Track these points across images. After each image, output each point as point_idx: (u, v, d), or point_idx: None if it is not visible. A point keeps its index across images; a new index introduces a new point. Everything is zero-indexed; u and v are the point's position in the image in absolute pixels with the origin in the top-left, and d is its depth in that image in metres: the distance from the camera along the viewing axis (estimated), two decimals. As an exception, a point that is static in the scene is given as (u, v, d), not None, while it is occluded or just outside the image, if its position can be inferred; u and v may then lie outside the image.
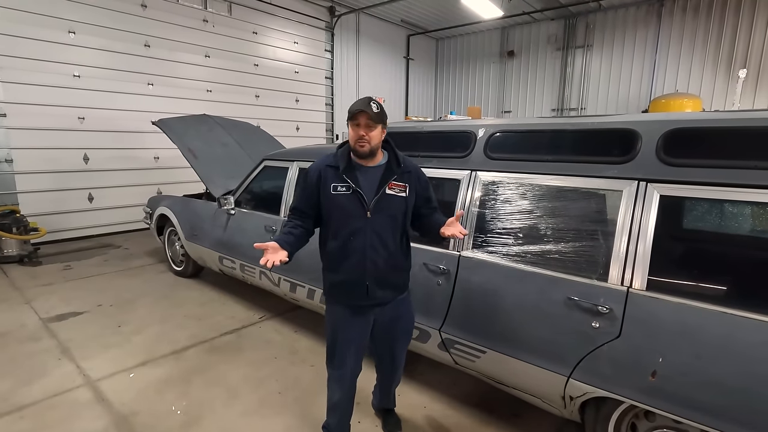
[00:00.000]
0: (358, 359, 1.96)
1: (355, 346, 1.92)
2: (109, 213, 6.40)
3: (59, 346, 3.10)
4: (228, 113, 6.41)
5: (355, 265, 1.78)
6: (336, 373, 1.96)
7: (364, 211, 1.74)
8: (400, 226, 1.84)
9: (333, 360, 1.95)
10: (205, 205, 4.14)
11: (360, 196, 1.75)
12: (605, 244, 1.81)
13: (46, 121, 5.63)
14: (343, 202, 1.75)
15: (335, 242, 1.80)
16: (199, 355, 3.02)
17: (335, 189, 1.76)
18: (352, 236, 1.76)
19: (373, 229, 1.76)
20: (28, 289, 4.21)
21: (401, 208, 1.81)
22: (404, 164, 1.84)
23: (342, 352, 1.91)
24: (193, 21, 7.02)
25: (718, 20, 8.18)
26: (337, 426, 2.06)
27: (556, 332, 1.85)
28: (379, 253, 1.78)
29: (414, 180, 1.85)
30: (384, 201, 1.77)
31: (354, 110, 1.70)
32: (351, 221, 1.76)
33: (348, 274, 1.80)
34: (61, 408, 2.41)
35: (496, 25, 10.82)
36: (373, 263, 1.78)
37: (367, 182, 1.76)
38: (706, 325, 1.53)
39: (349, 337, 1.90)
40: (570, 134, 2.08)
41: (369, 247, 1.76)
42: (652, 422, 1.72)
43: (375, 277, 1.79)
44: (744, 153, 1.58)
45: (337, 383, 1.97)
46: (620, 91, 9.46)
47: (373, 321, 1.92)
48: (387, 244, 1.79)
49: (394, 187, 1.79)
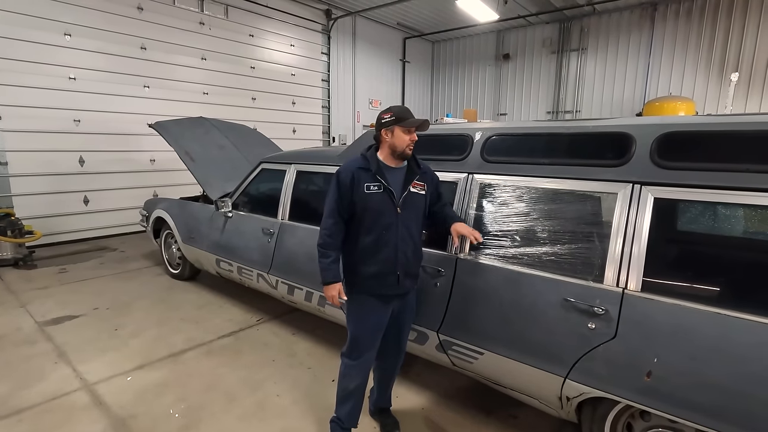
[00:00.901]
0: (377, 346, 2.09)
1: (380, 332, 2.06)
2: (105, 216, 6.37)
3: (56, 349, 3.09)
4: (224, 116, 6.40)
5: (389, 257, 1.95)
6: (358, 362, 2.06)
7: (395, 207, 1.93)
8: (422, 221, 2.07)
9: (358, 348, 2.05)
10: (203, 207, 4.14)
11: (391, 194, 1.93)
12: (601, 246, 1.83)
13: (42, 123, 5.61)
14: (376, 199, 1.92)
15: (369, 237, 1.94)
16: (197, 358, 3.02)
17: (368, 188, 1.92)
18: (385, 230, 1.93)
19: (403, 223, 1.95)
20: (24, 292, 4.19)
21: (422, 205, 2.05)
22: (423, 166, 2.08)
23: (368, 339, 2.04)
24: (189, 24, 7.03)
25: (711, 24, 8.29)
26: (348, 416, 2.10)
27: (553, 333, 1.87)
28: (408, 245, 1.98)
29: (429, 179, 2.09)
30: (409, 198, 1.98)
31: (410, 117, 1.92)
32: (384, 217, 1.93)
33: (382, 265, 1.95)
34: (58, 412, 2.40)
35: (491, 29, 10.90)
36: (404, 254, 1.97)
37: (395, 181, 1.96)
38: (700, 325, 1.55)
39: (376, 325, 2.04)
40: (566, 138, 2.11)
41: (400, 239, 1.95)
42: (648, 422, 1.74)
43: (405, 268, 1.98)
44: (736, 156, 1.61)
45: (359, 369, 2.06)
46: (615, 94, 9.56)
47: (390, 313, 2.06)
48: (414, 237, 2.01)
49: (417, 186, 2.00)
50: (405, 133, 1.92)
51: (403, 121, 1.91)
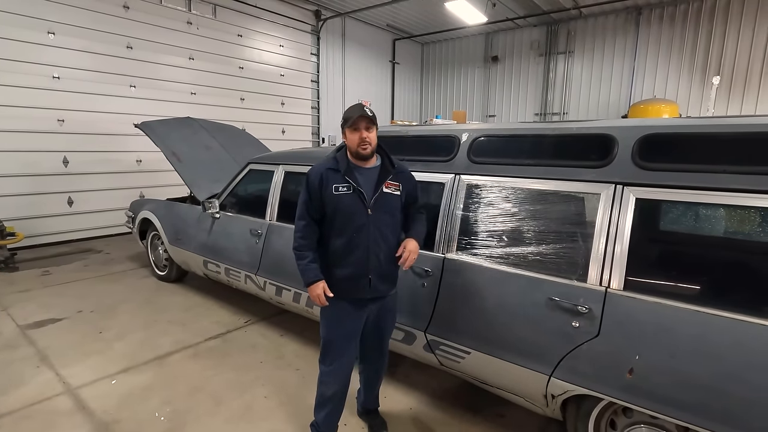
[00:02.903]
0: (353, 353, 2.05)
1: (354, 338, 2.02)
2: (90, 217, 6.26)
3: (38, 353, 3.03)
4: (212, 116, 6.35)
5: (360, 259, 1.90)
6: (332, 368, 2.02)
7: (365, 208, 1.88)
8: (398, 223, 2.01)
9: (330, 353, 2.02)
10: (190, 208, 4.10)
11: (360, 195, 1.88)
12: (584, 245, 1.86)
13: (24, 123, 5.50)
14: (345, 201, 1.87)
15: (340, 239, 1.90)
16: (184, 360, 2.99)
17: (337, 189, 1.87)
18: (356, 233, 1.88)
19: (375, 225, 1.89)
20: (5, 295, 4.09)
21: (397, 206, 1.98)
22: (397, 166, 2.00)
23: (341, 345, 2.00)
24: (176, 23, 6.95)
25: (693, 29, 8.46)
26: (324, 422, 2.08)
27: (538, 332, 1.89)
28: (381, 248, 1.91)
29: (406, 180, 2.02)
30: (382, 199, 1.92)
31: (354, 116, 1.83)
32: (354, 218, 1.88)
33: (353, 268, 1.90)
34: (40, 417, 2.35)
35: (480, 31, 10.99)
36: (376, 257, 1.91)
37: (366, 182, 1.90)
38: (681, 323, 1.58)
39: (349, 330, 1.99)
40: (550, 139, 2.14)
41: (372, 242, 1.89)
42: (630, 418, 1.77)
43: (377, 271, 1.92)
44: (715, 158, 1.65)
45: (333, 376, 2.02)
46: (601, 96, 9.70)
47: (366, 318, 2.01)
48: (387, 239, 1.94)
49: (390, 186, 1.94)
50: (352, 133, 1.87)
51: (347, 121, 1.86)
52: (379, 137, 1.96)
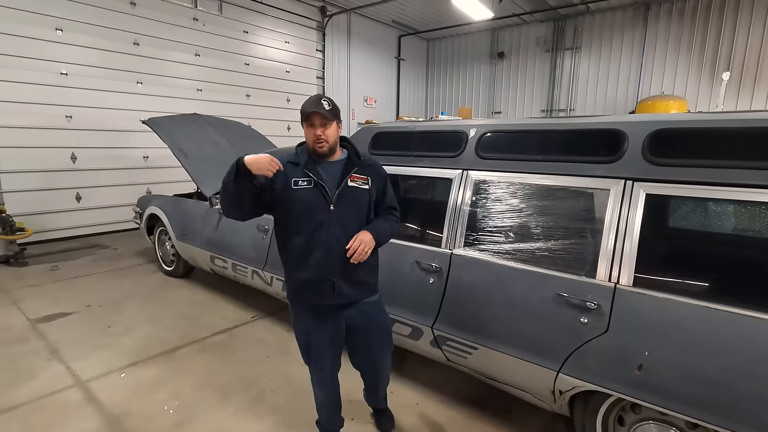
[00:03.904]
0: (334, 360, 1.94)
1: (330, 349, 1.88)
2: (98, 213, 6.32)
3: (48, 347, 3.06)
4: (218, 112, 6.37)
5: (321, 260, 1.73)
6: (314, 375, 1.98)
7: (327, 204, 1.73)
8: (366, 219, 1.83)
9: (307, 360, 1.95)
10: (197, 204, 4.12)
11: (322, 189, 1.73)
12: (593, 241, 1.85)
13: (33, 119, 5.55)
14: (305, 196, 1.73)
15: (299, 238, 1.75)
16: (191, 355, 3.01)
17: (296, 184, 1.73)
18: (316, 231, 1.73)
19: (338, 221, 1.74)
20: (15, 290, 4.14)
21: (365, 201, 1.81)
22: (364, 158, 1.86)
23: (317, 355, 1.89)
24: (182, 19, 6.97)
25: (703, 24, 8.36)
26: (326, 422, 2.08)
27: (546, 328, 1.88)
28: (344, 247, 1.72)
29: (374, 173, 1.85)
30: (347, 193, 1.76)
31: (307, 111, 1.68)
32: (314, 215, 1.73)
33: (314, 271, 1.75)
34: (51, 409, 2.38)
35: (486, 27, 10.92)
36: (338, 258, 1.73)
37: (328, 176, 1.76)
38: (691, 319, 1.57)
39: (320, 340, 1.86)
40: (559, 134, 2.12)
41: (334, 240, 1.73)
42: (639, 414, 1.76)
43: (341, 273, 1.76)
44: (726, 153, 1.63)
45: (316, 383, 2.00)
46: (608, 92, 9.62)
47: (346, 327, 1.88)
48: (353, 235, 1.74)
49: (356, 179, 1.78)
50: (307, 129, 1.73)
51: (302, 116, 1.71)
52: (387, 133, 1.93)
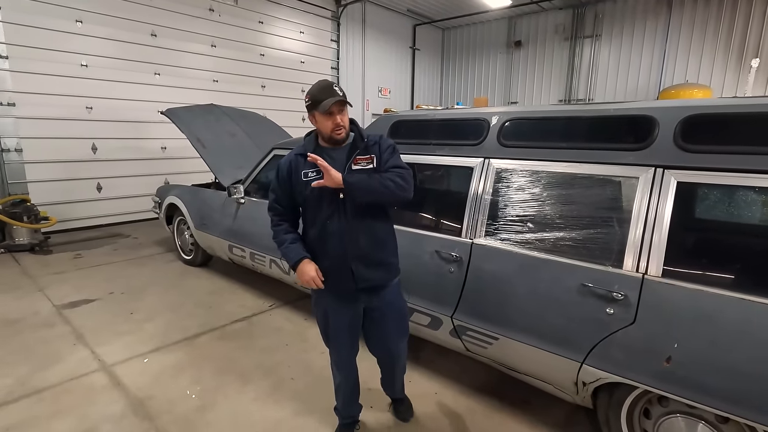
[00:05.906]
0: (352, 343, 1.96)
1: (349, 332, 1.92)
2: (118, 203, 6.44)
3: (73, 332, 3.15)
4: (234, 103, 6.39)
5: (337, 248, 1.75)
6: (332, 359, 2.02)
7: (337, 191, 1.71)
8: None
9: (327, 344, 2.00)
10: (215, 194, 4.16)
11: None
12: (620, 231, 1.80)
13: (55, 110, 5.66)
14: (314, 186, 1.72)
15: (314, 229, 1.79)
16: (211, 342, 3.06)
17: (306, 176, 1.75)
18: (328, 220, 1.75)
19: (350, 207, 1.74)
20: (41, 277, 4.26)
21: None
22: (368, 138, 1.81)
23: (336, 339, 1.93)
24: (199, 10, 6.99)
25: (730, 9, 8.05)
26: (343, 407, 2.10)
27: (570, 319, 1.85)
28: (360, 232, 1.75)
29: (379, 150, 1.79)
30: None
31: (325, 99, 1.66)
32: (324, 204, 1.74)
33: (331, 259, 1.77)
34: (78, 392, 2.45)
35: (503, 15, 10.71)
36: (355, 243, 1.75)
37: (335, 163, 1.72)
38: (722, 311, 1.52)
39: (340, 326, 1.90)
40: (585, 121, 2.07)
41: (347, 227, 1.74)
42: (666, 407, 1.73)
43: (359, 258, 1.77)
44: (764, 139, 1.57)
45: (335, 367, 2.03)
46: (629, 81, 9.37)
47: (363, 311, 1.90)
48: (366, 221, 1.77)
49: (360, 161, 1.75)
50: (326, 118, 1.70)
51: (317, 105, 1.68)
52: (406, 121, 1.90)
